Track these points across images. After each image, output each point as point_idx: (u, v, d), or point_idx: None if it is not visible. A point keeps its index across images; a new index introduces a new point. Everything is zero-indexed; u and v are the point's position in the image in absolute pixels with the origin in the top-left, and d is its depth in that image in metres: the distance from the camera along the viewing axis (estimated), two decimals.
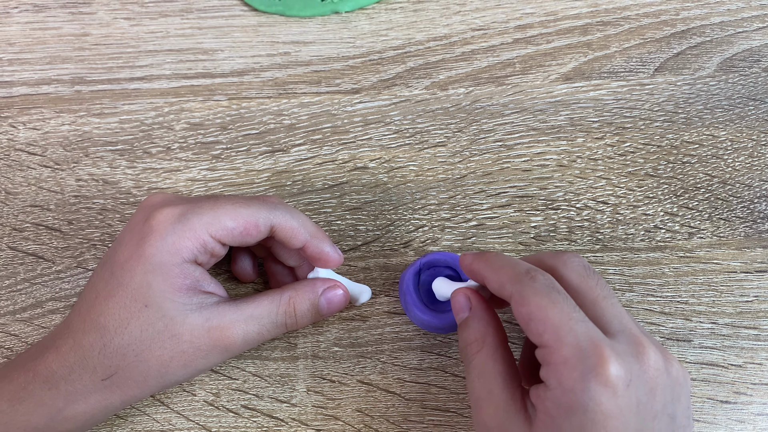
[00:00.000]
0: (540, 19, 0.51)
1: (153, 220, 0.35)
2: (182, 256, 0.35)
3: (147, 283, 0.35)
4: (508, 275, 0.33)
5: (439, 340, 0.42)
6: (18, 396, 0.34)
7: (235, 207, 0.36)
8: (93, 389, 0.35)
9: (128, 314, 0.35)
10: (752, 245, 0.45)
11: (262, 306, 0.37)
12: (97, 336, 0.35)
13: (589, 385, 0.29)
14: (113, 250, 0.36)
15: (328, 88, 0.49)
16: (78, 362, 0.35)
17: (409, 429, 0.40)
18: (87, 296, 0.36)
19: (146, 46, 0.50)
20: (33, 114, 0.48)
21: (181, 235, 0.35)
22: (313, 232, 0.38)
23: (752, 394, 0.41)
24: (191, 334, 0.35)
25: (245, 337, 0.36)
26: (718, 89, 0.49)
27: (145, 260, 0.35)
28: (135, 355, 0.35)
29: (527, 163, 0.47)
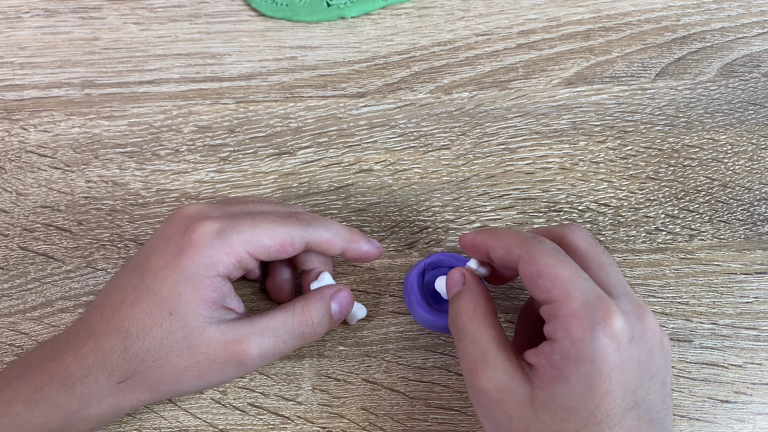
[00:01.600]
0: (543, 25, 0.52)
1: (193, 233, 0.36)
2: (217, 270, 0.36)
3: (177, 293, 0.35)
4: (515, 239, 0.34)
5: (443, 340, 0.43)
6: (34, 398, 0.35)
7: (272, 226, 0.37)
8: (107, 392, 0.35)
9: (152, 320, 0.35)
10: (752, 247, 0.45)
11: (277, 318, 0.37)
12: (119, 339, 0.35)
13: (597, 335, 0.30)
14: (144, 257, 0.37)
15: (334, 91, 0.49)
16: (96, 364, 0.35)
17: (414, 427, 0.41)
18: (112, 299, 0.37)
19: (155, 51, 0.51)
20: (44, 116, 0.48)
21: (220, 250, 0.36)
22: (347, 238, 0.39)
23: (752, 394, 0.42)
24: (207, 346, 0.35)
25: (260, 350, 0.36)
26: (719, 94, 0.49)
27: (180, 270, 0.35)
28: (153, 360, 0.35)
29: (530, 166, 0.47)
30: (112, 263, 0.44)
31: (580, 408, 0.30)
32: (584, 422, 0.30)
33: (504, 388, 0.32)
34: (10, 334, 0.43)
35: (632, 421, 0.31)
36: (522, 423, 0.31)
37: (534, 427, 0.31)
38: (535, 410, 0.31)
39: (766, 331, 0.43)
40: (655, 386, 0.32)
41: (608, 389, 0.30)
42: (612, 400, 0.30)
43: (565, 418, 0.30)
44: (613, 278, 0.34)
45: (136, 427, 0.41)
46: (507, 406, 0.32)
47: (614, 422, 0.30)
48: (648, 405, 0.31)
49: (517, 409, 0.32)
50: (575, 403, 0.30)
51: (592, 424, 0.30)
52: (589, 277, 0.33)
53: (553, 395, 0.31)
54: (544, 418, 0.31)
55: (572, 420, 0.30)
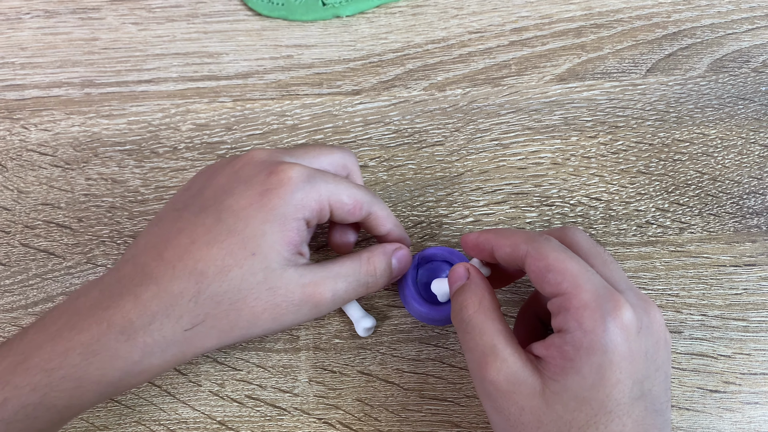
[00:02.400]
0: (535, 22, 0.52)
1: (283, 173, 0.36)
2: (303, 214, 0.36)
3: (262, 232, 0.35)
4: (521, 237, 0.35)
5: (436, 332, 0.44)
6: (92, 349, 0.33)
7: (350, 187, 0.38)
8: (173, 340, 0.34)
9: (232, 261, 0.35)
10: (741, 240, 0.46)
11: (346, 266, 0.38)
12: (191, 282, 0.34)
13: (608, 326, 0.31)
14: (218, 199, 0.36)
15: (330, 89, 0.50)
16: (162, 310, 0.34)
17: (408, 418, 0.42)
18: (176, 241, 0.35)
19: (153, 50, 0.51)
20: (44, 116, 0.49)
21: (308, 194, 0.36)
22: (395, 222, 0.41)
23: (741, 384, 0.43)
24: (286, 288, 0.36)
25: (334, 294, 0.37)
26: (709, 89, 0.50)
27: (268, 210, 0.35)
28: (229, 303, 0.35)
29: (522, 161, 0.48)
30: (111, 259, 0.45)
31: (591, 398, 0.31)
32: (595, 412, 0.31)
33: (514, 379, 0.32)
34: (12, 329, 0.44)
35: (639, 411, 0.31)
36: (533, 414, 0.32)
37: (546, 418, 0.31)
38: (546, 401, 0.32)
39: (755, 321, 0.44)
40: (659, 378, 0.33)
41: (618, 379, 0.31)
42: (621, 389, 0.31)
43: (577, 408, 0.31)
44: (616, 274, 0.35)
45: (136, 419, 0.42)
46: (518, 398, 0.32)
47: (623, 411, 0.31)
48: (653, 396, 0.32)
49: (528, 401, 0.32)
50: (586, 393, 0.31)
51: (602, 414, 0.31)
52: (596, 273, 0.33)
53: (565, 386, 0.31)
54: (555, 409, 0.31)
55: (584, 410, 0.31)
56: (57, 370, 0.33)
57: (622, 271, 0.35)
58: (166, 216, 0.37)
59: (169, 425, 0.41)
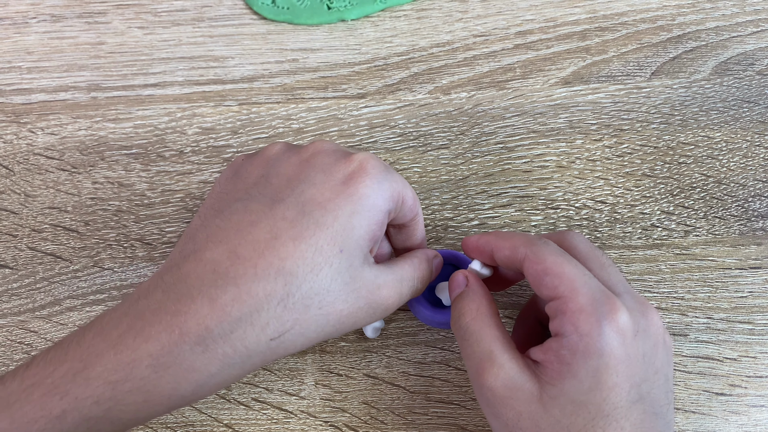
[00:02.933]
0: (540, 25, 0.53)
1: (364, 162, 0.33)
2: (388, 206, 0.34)
3: (351, 226, 0.32)
4: (521, 240, 0.35)
5: (442, 335, 0.44)
6: (163, 361, 0.29)
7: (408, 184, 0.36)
8: (256, 351, 0.31)
9: (322, 259, 0.31)
10: (746, 243, 0.46)
11: (405, 270, 0.36)
12: (280, 283, 0.30)
13: (604, 329, 0.31)
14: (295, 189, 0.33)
15: (335, 93, 0.50)
16: (246, 316, 0.30)
17: (414, 421, 0.42)
18: (252, 237, 0.31)
19: (159, 54, 0.52)
20: (51, 120, 0.49)
21: (391, 184, 0.34)
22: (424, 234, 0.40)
23: (747, 387, 0.43)
24: (367, 289, 0.33)
25: (400, 298, 0.36)
26: (713, 92, 0.50)
27: (357, 200, 0.32)
28: (319, 307, 0.32)
29: (527, 164, 0.48)
30: (118, 263, 0.45)
31: (589, 402, 0.31)
32: (592, 416, 0.31)
33: (512, 385, 0.32)
34: (19, 332, 0.44)
35: (638, 415, 0.31)
36: (531, 419, 0.32)
37: (543, 423, 0.32)
38: (544, 406, 0.32)
39: (761, 324, 0.44)
40: (659, 381, 0.33)
41: (615, 382, 0.31)
42: (618, 393, 0.31)
43: (574, 412, 0.31)
44: (614, 277, 0.35)
45: None
46: (515, 403, 0.32)
47: (621, 415, 0.31)
48: (652, 399, 0.32)
49: (526, 406, 0.32)
50: (584, 396, 0.31)
51: (599, 417, 0.31)
52: (593, 276, 0.34)
53: (562, 390, 0.31)
54: (553, 413, 0.31)
55: (581, 414, 0.31)
56: (123, 382, 0.29)
57: (621, 274, 0.36)
58: (227, 209, 0.33)
59: (176, 428, 0.41)
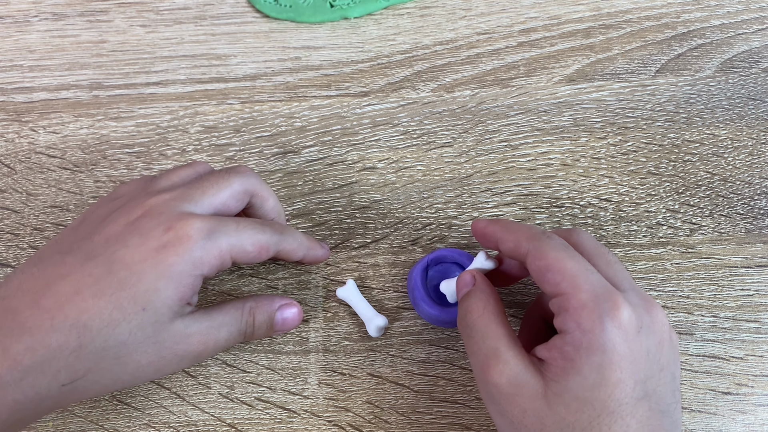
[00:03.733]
0: (544, 23, 0.52)
1: (181, 230, 0.34)
2: (201, 271, 0.35)
3: (155, 289, 0.34)
4: (524, 234, 0.35)
5: (446, 334, 0.43)
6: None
7: (255, 232, 0.37)
8: (47, 395, 0.32)
9: (121, 315, 0.33)
10: (753, 241, 0.46)
11: (230, 314, 0.38)
12: (72, 335, 0.32)
13: (606, 326, 0.31)
14: (109, 248, 0.34)
15: (338, 91, 0.50)
16: (37, 366, 0.31)
17: (418, 420, 0.42)
18: (56, 289, 0.33)
19: (161, 52, 0.51)
20: (53, 118, 0.49)
21: (209, 251, 0.35)
22: (307, 246, 0.41)
23: (753, 386, 0.42)
24: (173, 340, 0.35)
25: (216, 343, 0.37)
26: (719, 89, 0.50)
27: (164, 267, 0.34)
28: (114, 358, 0.33)
29: (532, 162, 0.48)
30: None
31: (594, 398, 0.31)
32: (598, 412, 0.31)
33: (517, 382, 0.32)
34: None
35: (643, 412, 0.31)
36: (536, 416, 0.32)
37: (548, 420, 0.31)
38: (549, 403, 0.31)
39: (767, 323, 0.44)
40: (664, 378, 0.32)
41: (619, 378, 0.31)
42: (623, 389, 0.31)
43: (579, 409, 0.31)
44: (619, 274, 0.35)
45: (145, 422, 0.41)
46: (521, 400, 0.32)
47: (626, 412, 0.31)
48: (658, 396, 0.32)
49: (531, 403, 0.32)
50: (588, 393, 0.31)
51: (605, 414, 0.31)
52: (597, 270, 0.33)
53: (567, 387, 0.31)
54: (558, 410, 0.31)
55: (586, 411, 0.31)
56: None
57: (626, 271, 0.35)
58: (48, 258, 0.35)
59: (179, 427, 0.41)
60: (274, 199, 0.41)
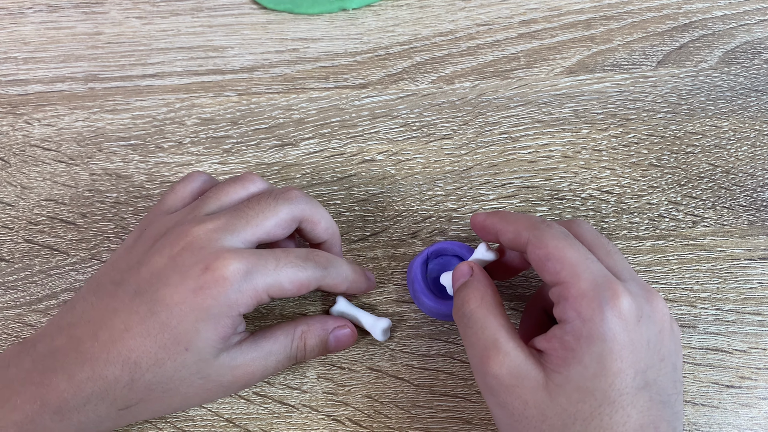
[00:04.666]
0: (544, 14, 0.52)
1: (217, 272, 0.34)
2: (238, 310, 0.35)
3: (195, 330, 0.34)
4: (524, 224, 0.35)
5: (446, 328, 0.43)
6: (25, 429, 0.33)
7: (295, 270, 0.36)
8: (107, 417, 0.35)
9: (166, 355, 0.34)
10: (756, 233, 0.45)
11: (279, 342, 0.38)
12: (125, 371, 0.34)
13: (606, 315, 0.31)
14: (152, 286, 0.35)
15: (336, 83, 0.50)
16: (97, 393, 0.34)
17: (418, 414, 0.41)
18: (110, 324, 0.35)
19: (158, 44, 0.51)
20: (48, 111, 0.49)
21: (245, 293, 0.35)
22: (351, 279, 0.40)
23: (757, 379, 0.42)
24: (218, 373, 0.36)
25: (264, 371, 0.37)
26: (721, 81, 0.49)
27: (201, 311, 0.34)
28: (162, 391, 0.35)
29: (532, 154, 0.47)
30: None
31: (595, 388, 0.30)
32: (599, 402, 0.30)
33: (517, 373, 0.32)
34: (16, 326, 0.43)
35: (644, 402, 0.31)
36: (537, 407, 0.31)
37: (550, 411, 0.31)
38: (550, 394, 0.31)
39: None
40: (665, 368, 0.32)
41: (620, 368, 0.30)
42: (624, 379, 0.31)
43: (581, 399, 0.31)
44: (620, 264, 0.34)
45: None
46: (521, 392, 0.32)
47: (627, 402, 0.30)
48: (659, 387, 0.32)
49: (531, 394, 0.31)
50: (589, 383, 0.31)
51: (606, 404, 0.30)
52: (597, 260, 0.33)
53: (568, 377, 0.31)
54: (559, 401, 0.31)
55: (587, 401, 0.30)
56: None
57: (626, 261, 0.35)
58: (103, 288, 0.37)
59: (176, 422, 0.41)
60: (327, 221, 0.40)
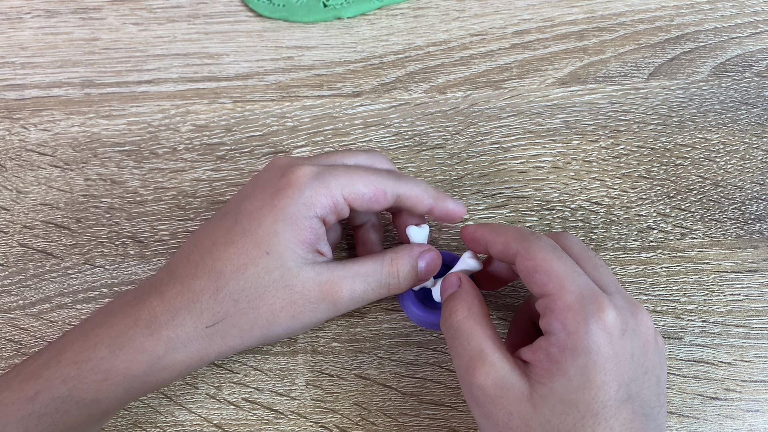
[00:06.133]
0: (537, 25, 0.52)
1: (291, 175, 0.36)
2: (315, 211, 0.36)
3: (274, 232, 0.36)
4: (514, 236, 0.35)
5: (435, 337, 0.43)
6: (118, 342, 0.35)
7: (367, 174, 0.38)
8: (195, 336, 0.35)
9: (247, 260, 0.35)
10: (743, 246, 0.46)
11: (368, 265, 0.38)
12: (210, 280, 0.35)
13: (591, 328, 0.31)
14: (237, 203, 0.38)
15: (330, 91, 0.50)
16: (184, 307, 0.35)
17: (405, 422, 0.42)
18: (201, 244, 0.37)
19: (154, 51, 0.51)
20: (44, 116, 0.49)
21: (317, 191, 0.36)
22: (435, 195, 0.40)
23: (742, 391, 0.42)
24: (303, 285, 0.36)
25: (352, 293, 0.37)
26: (711, 93, 0.50)
27: (278, 210, 0.36)
28: (247, 301, 0.35)
29: (523, 164, 0.48)
30: (109, 260, 0.45)
31: (578, 400, 0.31)
32: (582, 414, 0.31)
33: (502, 384, 0.32)
34: (9, 330, 0.43)
35: (627, 414, 0.31)
36: (521, 419, 0.32)
37: (534, 422, 0.31)
38: (534, 405, 0.31)
39: (757, 328, 0.43)
40: (649, 382, 0.32)
41: (603, 381, 0.31)
42: (607, 391, 0.31)
43: (564, 411, 0.31)
44: (606, 278, 0.35)
45: (132, 422, 0.41)
46: (506, 402, 0.32)
47: (610, 414, 0.31)
48: (642, 399, 0.32)
49: (516, 405, 0.32)
50: (573, 395, 0.31)
51: (589, 416, 0.31)
52: (584, 273, 0.33)
53: (552, 389, 0.31)
54: (543, 413, 0.31)
55: (571, 413, 0.31)
56: (86, 362, 0.34)
57: (612, 275, 0.35)
58: (209, 222, 0.39)
59: (166, 428, 0.41)
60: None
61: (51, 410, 0.34)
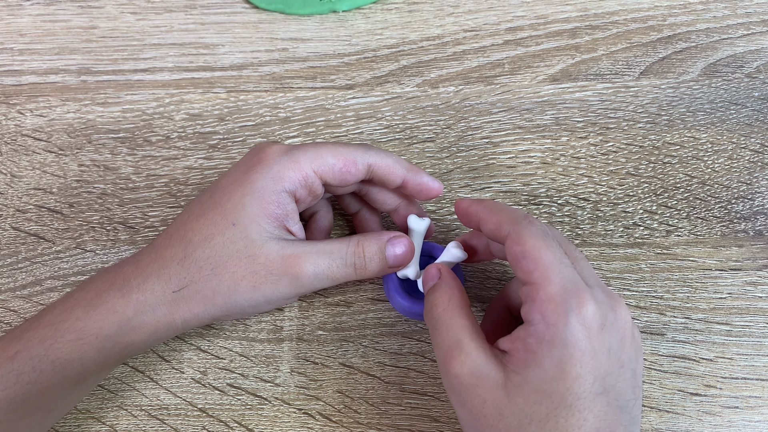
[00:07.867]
0: (530, 22, 0.53)
1: (262, 152, 0.39)
2: (283, 185, 0.38)
3: (242, 205, 0.37)
4: (507, 217, 0.36)
5: (419, 327, 0.44)
6: (93, 303, 0.37)
7: (335, 147, 0.39)
8: (162, 300, 0.37)
9: (214, 230, 0.37)
10: (728, 244, 0.46)
11: (333, 244, 0.38)
12: (180, 248, 0.37)
13: (570, 321, 0.31)
14: (216, 181, 0.40)
15: (323, 83, 0.50)
16: (155, 272, 0.37)
17: (387, 411, 0.42)
18: (180, 218, 0.39)
19: (151, 40, 0.52)
20: (40, 102, 0.50)
21: (286, 165, 0.38)
22: (408, 167, 0.40)
23: (722, 388, 0.42)
24: (266, 257, 0.37)
25: (315, 269, 0.37)
26: (701, 93, 0.50)
27: (247, 185, 0.38)
28: (211, 268, 0.37)
29: (512, 159, 0.48)
30: (101, 245, 0.46)
31: (552, 391, 0.31)
32: (555, 405, 0.31)
33: (478, 372, 0.33)
34: (0, 312, 0.44)
35: (601, 407, 0.31)
36: (495, 406, 0.32)
37: (507, 411, 0.32)
38: (508, 394, 0.32)
39: (738, 326, 0.44)
40: (624, 375, 0.33)
41: (579, 373, 0.31)
42: (582, 384, 0.31)
43: (538, 401, 0.31)
44: (586, 271, 0.35)
45: (118, 404, 0.42)
46: (481, 391, 0.32)
47: (583, 406, 0.31)
48: (617, 392, 0.32)
49: (490, 393, 0.32)
50: (547, 386, 0.31)
51: (562, 407, 0.31)
52: (571, 264, 0.34)
53: (527, 378, 0.32)
54: (517, 401, 0.32)
55: (544, 403, 0.31)
56: (62, 322, 0.36)
57: (592, 268, 0.36)
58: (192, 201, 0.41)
59: (151, 410, 0.42)
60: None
61: (29, 368, 0.35)
